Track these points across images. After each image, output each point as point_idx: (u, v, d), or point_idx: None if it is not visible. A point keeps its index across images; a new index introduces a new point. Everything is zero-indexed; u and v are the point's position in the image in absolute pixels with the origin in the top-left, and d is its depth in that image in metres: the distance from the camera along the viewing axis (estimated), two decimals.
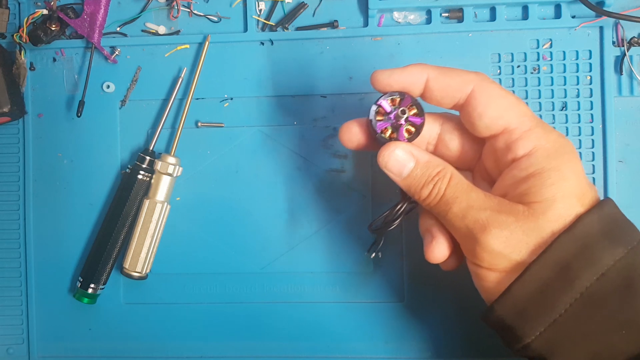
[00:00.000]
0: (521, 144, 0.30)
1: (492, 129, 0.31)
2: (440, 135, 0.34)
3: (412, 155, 0.31)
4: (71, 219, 0.44)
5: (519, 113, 0.30)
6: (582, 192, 0.29)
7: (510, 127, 0.30)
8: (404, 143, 0.31)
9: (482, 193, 0.31)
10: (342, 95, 0.42)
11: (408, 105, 0.31)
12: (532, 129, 0.30)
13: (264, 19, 0.43)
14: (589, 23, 0.41)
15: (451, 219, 0.31)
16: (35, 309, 0.44)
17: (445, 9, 0.42)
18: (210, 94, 0.43)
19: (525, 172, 0.30)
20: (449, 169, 0.31)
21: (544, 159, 0.29)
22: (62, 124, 0.44)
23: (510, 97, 0.31)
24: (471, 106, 0.31)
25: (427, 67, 0.31)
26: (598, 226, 0.29)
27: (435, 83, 0.31)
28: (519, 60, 0.41)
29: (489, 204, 0.30)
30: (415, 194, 0.32)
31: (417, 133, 0.31)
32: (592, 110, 0.41)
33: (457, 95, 0.31)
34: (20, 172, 0.44)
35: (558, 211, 0.29)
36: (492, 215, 0.29)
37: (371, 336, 0.42)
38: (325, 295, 0.42)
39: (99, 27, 0.43)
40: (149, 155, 0.42)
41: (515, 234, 0.29)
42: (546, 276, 0.28)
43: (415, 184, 0.31)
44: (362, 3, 0.42)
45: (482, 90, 0.31)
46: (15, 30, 0.44)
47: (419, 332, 0.42)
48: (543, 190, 0.29)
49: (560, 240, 0.28)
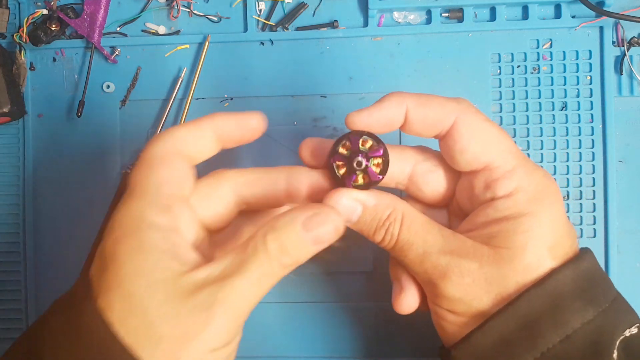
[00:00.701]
0: (502, 184, 0.28)
1: (474, 165, 0.29)
2: (412, 177, 0.31)
3: (357, 201, 0.29)
4: (71, 219, 0.44)
5: (503, 149, 0.29)
6: (556, 242, 0.28)
7: (492, 164, 0.28)
8: (349, 190, 0.28)
9: (439, 233, 0.29)
10: (342, 95, 0.42)
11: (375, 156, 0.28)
12: (515, 168, 0.28)
13: (264, 19, 0.43)
14: (589, 23, 0.41)
15: (409, 265, 0.29)
16: (35, 310, 0.44)
17: (445, 9, 0.42)
18: (210, 94, 0.43)
19: (501, 213, 0.28)
20: (400, 208, 0.29)
21: (523, 202, 0.28)
22: (62, 124, 0.44)
23: (494, 131, 0.29)
24: (452, 139, 0.29)
25: (405, 96, 0.29)
26: (571, 283, 0.27)
27: (414, 115, 0.29)
28: (519, 60, 0.41)
29: (449, 247, 0.28)
30: (369, 238, 0.30)
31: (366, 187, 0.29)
32: (592, 110, 0.41)
33: (438, 126, 0.29)
34: (20, 172, 0.44)
35: (526, 261, 0.27)
36: (453, 261, 0.28)
37: (371, 336, 0.42)
38: (325, 296, 0.42)
39: (99, 27, 0.43)
40: None
41: (477, 281, 0.27)
42: (509, 330, 0.27)
43: (366, 228, 0.29)
44: (362, 3, 0.42)
45: (464, 122, 0.28)
46: (15, 30, 0.44)
47: (418, 332, 0.42)
48: (514, 236, 0.27)
49: (529, 294, 0.26)
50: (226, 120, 0.28)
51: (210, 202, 0.29)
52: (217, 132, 0.28)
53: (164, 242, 0.25)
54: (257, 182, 0.29)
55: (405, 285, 0.31)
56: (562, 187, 0.41)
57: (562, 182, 0.41)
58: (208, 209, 0.29)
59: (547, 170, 0.40)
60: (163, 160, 0.27)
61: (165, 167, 0.27)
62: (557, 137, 0.41)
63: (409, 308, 0.31)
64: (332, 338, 0.42)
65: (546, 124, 0.41)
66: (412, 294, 0.31)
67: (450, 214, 0.32)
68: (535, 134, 0.41)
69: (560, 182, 0.41)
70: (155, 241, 0.24)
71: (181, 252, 0.25)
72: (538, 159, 0.41)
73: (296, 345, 0.42)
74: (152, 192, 0.26)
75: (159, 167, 0.26)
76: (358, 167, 0.28)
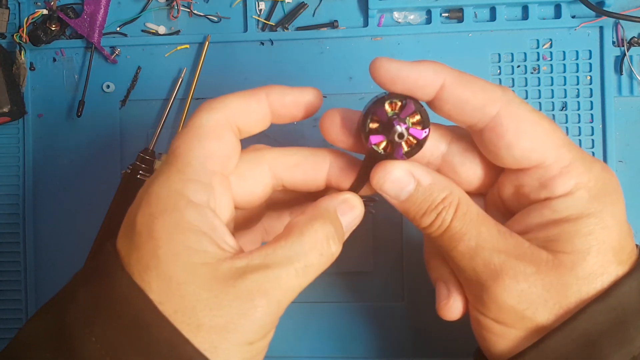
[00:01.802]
0: (560, 182, 0.25)
1: (523, 163, 0.25)
2: (445, 157, 0.28)
3: (412, 176, 0.26)
4: (71, 219, 0.44)
5: (556, 144, 0.25)
6: (621, 245, 0.25)
7: (546, 161, 0.25)
8: (402, 162, 0.26)
9: (496, 229, 0.26)
10: (342, 95, 0.42)
11: (410, 114, 0.25)
12: (572, 163, 0.25)
13: (264, 19, 0.43)
14: (589, 23, 0.41)
15: (456, 257, 0.26)
16: (34, 309, 0.44)
17: (445, 9, 0.42)
18: (210, 94, 0.43)
19: (559, 214, 0.25)
20: (457, 194, 0.26)
21: (585, 201, 0.24)
22: (62, 124, 0.44)
23: (545, 123, 0.25)
24: (496, 133, 0.25)
25: (445, 69, 0.25)
26: (636, 297, 0.24)
27: (451, 93, 0.25)
28: (519, 60, 0.41)
29: (504, 245, 0.25)
30: (414, 221, 0.27)
31: (418, 147, 0.25)
32: (592, 110, 0.41)
33: (477, 115, 0.25)
34: (20, 172, 0.44)
35: (590, 268, 0.24)
36: (508, 262, 0.24)
37: (371, 336, 0.42)
38: (325, 295, 0.42)
39: (99, 27, 0.43)
40: (149, 155, 0.42)
41: (534, 288, 0.24)
42: (568, 349, 0.24)
43: (414, 209, 0.26)
44: (362, 3, 0.42)
45: (511, 114, 0.25)
46: (15, 30, 0.44)
47: (418, 332, 0.42)
48: (576, 239, 0.24)
49: (591, 310, 0.23)
50: (283, 94, 0.26)
51: (246, 182, 0.27)
52: (272, 105, 0.26)
53: (204, 223, 0.23)
54: (298, 166, 0.27)
55: (452, 289, 0.28)
56: None
57: None
58: (243, 188, 0.27)
59: None
60: (213, 131, 0.24)
61: (214, 140, 0.24)
62: None
63: (456, 314, 0.28)
64: (331, 338, 0.42)
65: None
66: (460, 299, 0.28)
67: (489, 205, 0.29)
68: None
69: None
70: (195, 221, 0.23)
71: (220, 235, 0.24)
72: None
73: (296, 345, 0.42)
74: (196, 166, 0.24)
75: (207, 140, 0.24)
76: (400, 138, 0.24)
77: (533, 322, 0.24)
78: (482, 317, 0.26)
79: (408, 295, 0.42)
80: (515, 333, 0.25)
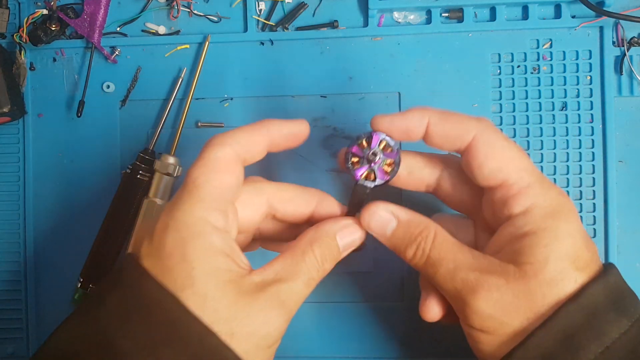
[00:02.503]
0: (518, 200, 0.29)
1: (490, 181, 0.30)
2: (439, 181, 0.33)
3: (392, 215, 0.31)
4: (71, 219, 0.44)
5: (519, 167, 0.30)
6: (577, 255, 0.28)
7: (508, 181, 0.29)
8: (385, 203, 0.31)
9: (469, 252, 0.30)
10: (342, 95, 0.42)
11: (377, 145, 0.31)
12: (530, 185, 0.29)
13: (264, 19, 0.43)
14: (589, 23, 0.41)
15: (439, 281, 0.30)
16: (35, 309, 0.44)
17: (445, 9, 0.42)
18: (210, 94, 0.43)
19: (520, 230, 0.29)
20: (432, 227, 0.31)
21: (540, 218, 0.29)
22: (62, 124, 0.44)
23: (513, 149, 0.30)
24: (471, 155, 0.30)
25: (428, 111, 0.30)
26: (603, 296, 0.28)
27: (435, 129, 0.30)
28: (519, 60, 0.41)
29: (477, 265, 0.29)
30: (401, 254, 0.31)
31: (396, 166, 0.31)
32: (592, 110, 0.41)
33: (458, 142, 0.30)
34: (20, 172, 0.44)
35: (550, 274, 0.28)
36: (481, 277, 0.28)
37: (371, 336, 0.42)
38: (325, 296, 0.42)
39: (99, 27, 0.43)
40: (149, 155, 0.42)
41: (506, 296, 0.28)
42: (550, 345, 0.27)
43: (399, 244, 0.31)
44: (362, 3, 0.42)
45: (483, 140, 0.30)
46: (15, 30, 0.44)
47: (419, 332, 0.42)
48: (535, 250, 0.28)
49: (566, 309, 0.27)
50: (278, 128, 0.30)
51: (247, 209, 0.31)
52: (271, 137, 0.30)
53: (226, 246, 0.27)
54: (292, 200, 0.32)
55: (429, 293, 0.32)
56: (562, 187, 0.41)
57: (562, 182, 0.41)
58: (244, 214, 0.31)
59: (547, 170, 0.41)
60: (226, 165, 0.28)
61: (228, 173, 0.28)
62: (557, 137, 0.41)
63: (434, 315, 0.32)
64: (331, 338, 0.42)
65: (546, 124, 0.41)
66: (434, 302, 0.32)
67: (478, 229, 0.33)
68: (535, 134, 0.41)
69: (560, 182, 0.41)
70: (219, 245, 0.27)
71: (237, 255, 0.28)
72: (538, 159, 0.41)
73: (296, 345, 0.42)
74: (215, 196, 0.27)
75: (223, 173, 0.28)
76: (372, 157, 0.30)
77: (511, 326, 0.28)
78: (469, 329, 0.29)
79: (408, 295, 0.42)
80: (498, 339, 0.28)
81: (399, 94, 0.42)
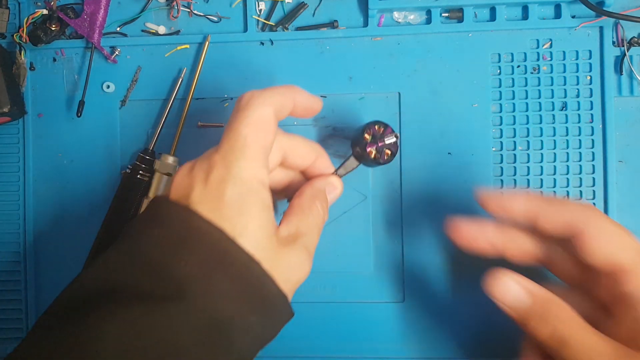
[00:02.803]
0: (636, 284, 0.30)
1: (604, 266, 0.30)
2: (548, 255, 0.34)
3: (523, 288, 0.31)
4: (71, 219, 0.44)
5: (632, 250, 0.30)
6: None
7: (623, 266, 0.30)
8: (514, 274, 0.31)
9: (597, 335, 0.29)
10: (342, 95, 0.42)
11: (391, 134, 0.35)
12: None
13: (264, 19, 0.43)
14: (589, 23, 0.41)
15: (567, 356, 0.29)
16: (35, 309, 0.44)
17: (445, 9, 0.42)
18: (210, 94, 0.43)
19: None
20: (562, 303, 0.30)
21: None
22: (62, 124, 0.44)
23: (623, 234, 0.31)
24: (581, 241, 0.31)
25: (535, 199, 0.32)
26: None
27: (544, 217, 0.32)
28: (519, 60, 0.41)
29: (605, 350, 0.29)
30: (525, 327, 0.31)
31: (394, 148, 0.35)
32: (592, 110, 0.41)
33: (567, 229, 0.31)
34: (20, 172, 0.44)
35: None
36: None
37: (371, 336, 0.42)
38: (325, 295, 0.42)
39: (99, 27, 0.43)
40: (149, 155, 0.42)
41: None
42: None
43: (529, 319, 0.30)
44: (362, 3, 0.42)
45: (592, 226, 0.30)
46: (15, 30, 0.44)
47: (419, 332, 0.42)
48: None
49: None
50: (302, 97, 0.32)
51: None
52: (294, 103, 0.32)
53: (271, 202, 0.30)
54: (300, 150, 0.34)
55: (532, 357, 0.33)
56: (562, 187, 0.41)
57: (562, 182, 0.41)
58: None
59: (547, 170, 0.41)
60: (270, 125, 0.30)
61: (271, 133, 0.30)
62: (557, 137, 0.41)
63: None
64: (331, 338, 0.42)
65: (546, 124, 0.41)
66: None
67: (586, 301, 0.33)
68: (535, 134, 0.41)
69: (560, 182, 0.41)
70: (267, 201, 0.29)
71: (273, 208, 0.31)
72: (538, 159, 0.41)
73: (296, 345, 0.42)
74: (263, 155, 0.29)
75: (268, 133, 0.30)
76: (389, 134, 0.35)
77: None
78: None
79: (408, 295, 0.42)
80: None
81: (399, 94, 0.42)
